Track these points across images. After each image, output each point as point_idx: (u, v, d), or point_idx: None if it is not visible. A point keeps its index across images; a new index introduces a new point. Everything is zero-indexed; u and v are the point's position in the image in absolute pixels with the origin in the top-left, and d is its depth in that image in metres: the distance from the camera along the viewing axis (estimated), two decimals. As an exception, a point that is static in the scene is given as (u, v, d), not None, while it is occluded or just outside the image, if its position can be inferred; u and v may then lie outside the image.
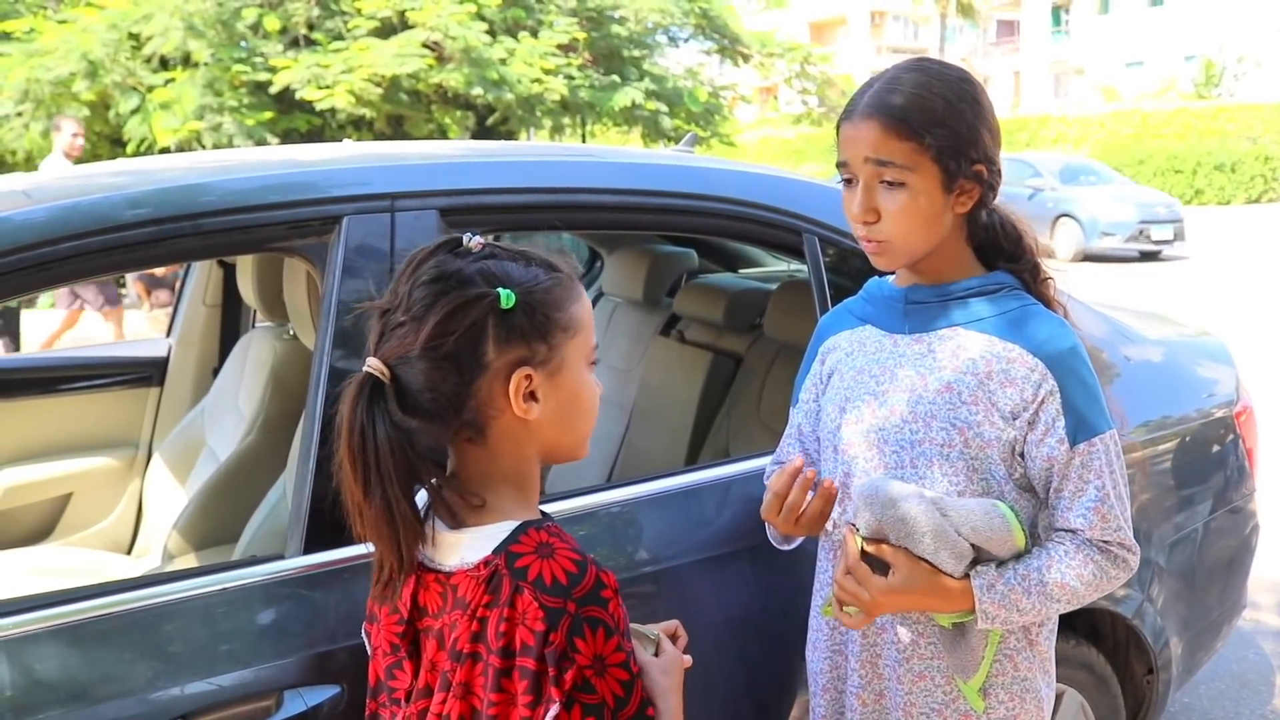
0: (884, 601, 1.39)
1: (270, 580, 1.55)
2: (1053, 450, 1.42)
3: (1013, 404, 1.43)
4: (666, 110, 13.63)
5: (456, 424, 1.12)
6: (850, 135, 1.43)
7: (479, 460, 1.16)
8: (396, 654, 1.20)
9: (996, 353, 1.44)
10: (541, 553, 1.09)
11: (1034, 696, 1.53)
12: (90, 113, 11.03)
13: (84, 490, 3.12)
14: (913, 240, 1.43)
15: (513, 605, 1.06)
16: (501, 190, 1.82)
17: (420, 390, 1.10)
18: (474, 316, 1.09)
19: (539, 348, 1.13)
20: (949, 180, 1.40)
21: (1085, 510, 1.42)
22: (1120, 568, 1.44)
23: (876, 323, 1.57)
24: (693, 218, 2.01)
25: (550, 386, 1.14)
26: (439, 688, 1.11)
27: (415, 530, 1.12)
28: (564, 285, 1.17)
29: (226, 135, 10.97)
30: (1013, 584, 1.38)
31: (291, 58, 11.30)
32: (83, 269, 1.56)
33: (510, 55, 12.04)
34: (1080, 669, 2.32)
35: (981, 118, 1.42)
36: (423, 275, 1.11)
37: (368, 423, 1.08)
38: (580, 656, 1.04)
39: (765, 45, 15.03)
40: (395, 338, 1.11)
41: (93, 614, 1.45)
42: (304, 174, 1.76)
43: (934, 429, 1.44)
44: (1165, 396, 2.51)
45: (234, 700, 1.46)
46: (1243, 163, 23.72)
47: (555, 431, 1.17)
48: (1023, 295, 1.50)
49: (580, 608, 1.05)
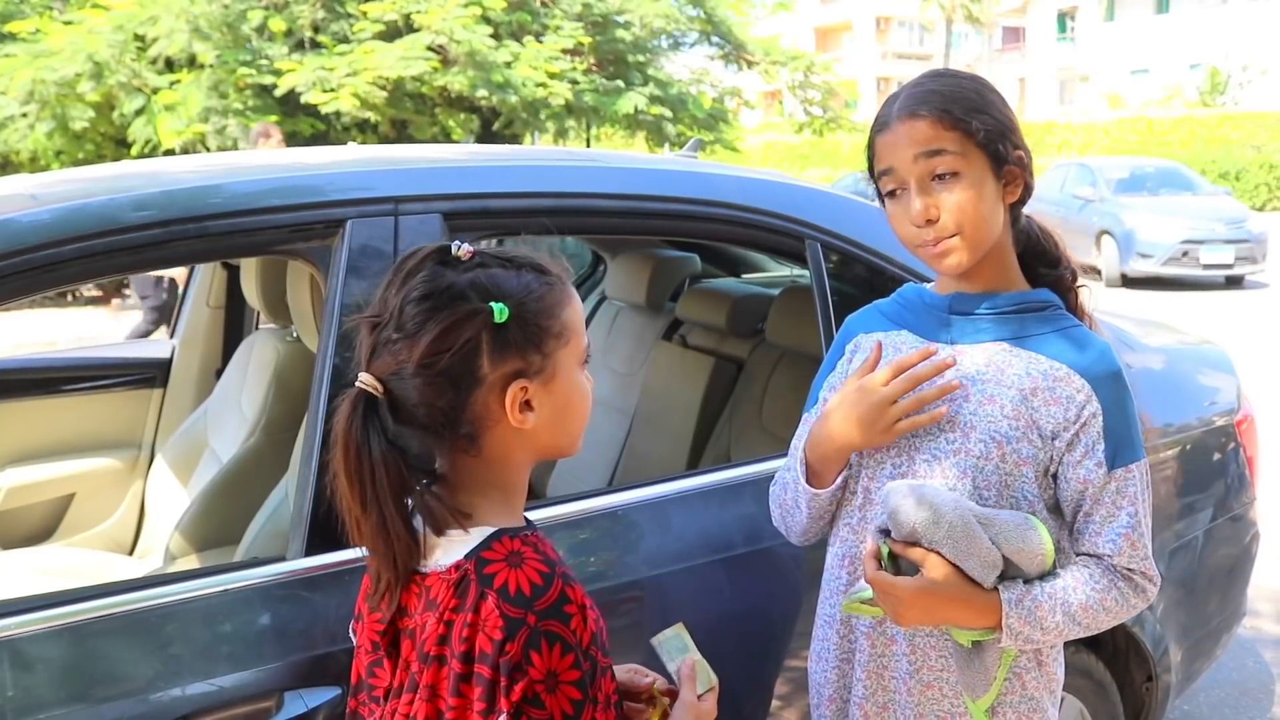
0: (913, 602, 1.36)
1: (271, 582, 1.56)
2: (1090, 473, 1.41)
3: (1054, 423, 1.41)
4: (670, 116, 13.62)
5: (451, 437, 1.12)
6: (891, 141, 1.41)
7: (471, 467, 1.15)
8: (376, 652, 1.20)
9: (1043, 370, 1.43)
10: (511, 561, 1.08)
11: (1040, 716, 1.52)
12: (95, 114, 11.07)
13: (86, 491, 3.13)
14: (980, 230, 1.40)
15: (477, 611, 1.05)
16: (504, 195, 1.83)
17: (415, 405, 1.10)
18: (468, 334, 1.08)
19: (534, 358, 1.12)
20: (998, 165, 1.40)
21: (1115, 536, 1.40)
22: (1140, 597, 1.43)
23: (914, 329, 1.54)
24: (696, 223, 2.02)
25: (545, 394, 1.14)
26: (408, 688, 1.12)
27: (409, 548, 1.12)
28: (556, 290, 1.16)
29: (231, 138, 10.97)
30: (1040, 600, 1.36)
31: (296, 60, 11.32)
32: (88, 270, 1.57)
33: (515, 59, 12.05)
34: (1079, 676, 2.32)
35: (1007, 109, 1.44)
36: (414, 291, 1.10)
37: (363, 439, 1.08)
38: (533, 670, 1.03)
39: (769, 53, 15.03)
40: (388, 353, 1.10)
41: (94, 614, 1.46)
42: (308, 177, 1.77)
43: (972, 440, 1.43)
44: (1166, 404, 2.52)
45: (235, 701, 1.47)
46: (1247, 171, 23.68)
47: (549, 435, 1.17)
48: (1066, 316, 1.49)
49: (540, 620, 1.04)
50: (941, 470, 1.44)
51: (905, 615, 1.39)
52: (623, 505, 1.90)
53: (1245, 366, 2.93)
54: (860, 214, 2.14)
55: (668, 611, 1.86)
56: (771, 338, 2.84)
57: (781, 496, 1.62)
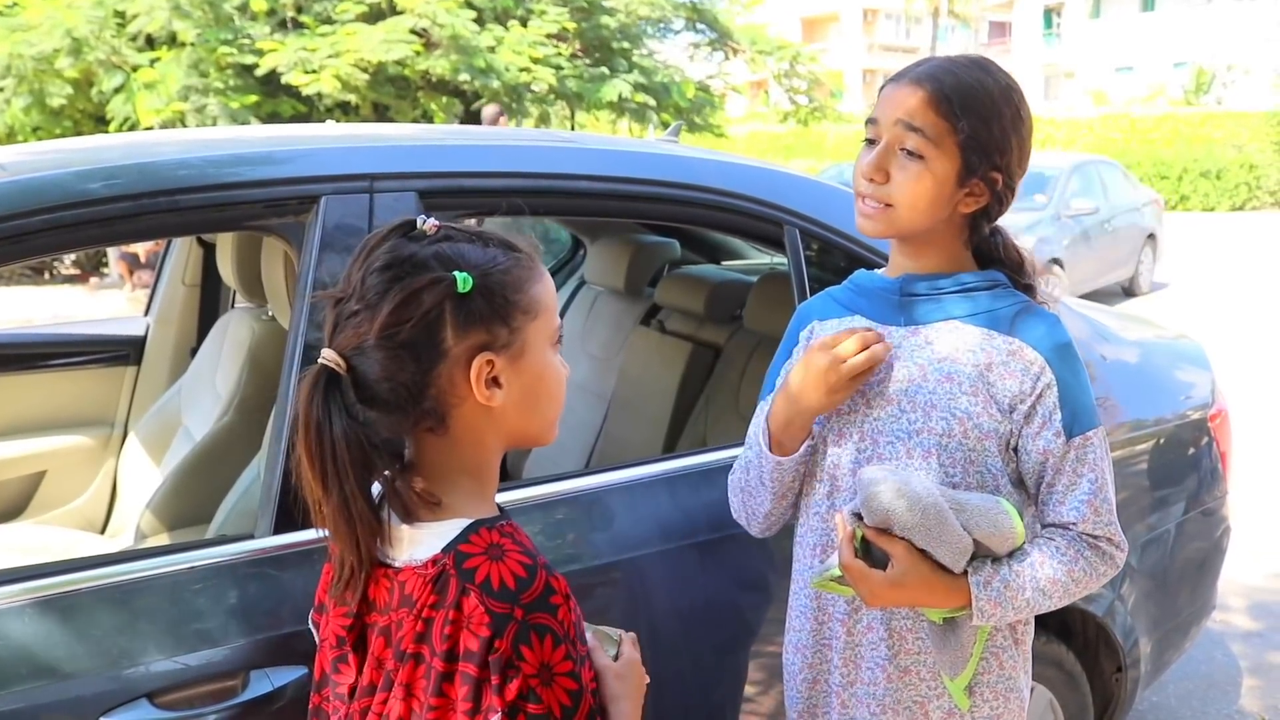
0: (882, 591, 1.37)
1: (239, 560, 1.55)
2: (1049, 443, 1.43)
3: (1011, 396, 1.43)
4: (654, 104, 13.58)
5: (416, 414, 1.08)
6: (890, 95, 1.43)
7: (439, 450, 1.12)
8: (342, 648, 1.16)
9: (996, 345, 1.44)
10: (491, 554, 1.05)
11: (1017, 695, 1.54)
12: (73, 90, 10.95)
13: (58, 468, 3.10)
14: (914, 213, 1.42)
15: (459, 608, 1.02)
16: (481, 174, 1.82)
17: (377, 380, 1.06)
18: (430, 302, 1.05)
19: (500, 331, 1.09)
20: (965, 173, 1.40)
21: (1078, 504, 1.42)
22: (1108, 564, 1.45)
23: (867, 314, 1.55)
24: (674, 206, 2.01)
25: (513, 371, 1.10)
26: (382, 686, 1.08)
27: (373, 527, 1.08)
28: (524, 265, 1.12)
29: (211, 117, 10.89)
30: (1008, 580, 1.38)
31: (278, 40, 11.21)
32: (55, 243, 1.54)
33: (499, 43, 11.98)
34: (1050, 666, 2.34)
35: (1018, 131, 1.43)
36: (376, 261, 1.07)
37: (324, 417, 1.04)
38: (526, 665, 1.00)
39: (756, 41, 15.00)
40: (350, 327, 1.07)
41: (58, 590, 1.45)
42: (283, 153, 1.75)
43: (934, 419, 1.44)
44: (1141, 398, 2.53)
45: (200, 679, 1.46)
46: (1228, 170, 23.84)
47: (520, 417, 1.14)
48: (1016, 293, 1.50)
49: (528, 614, 1.01)
50: (906, 450, 1.45)
51: (874, 600, 1.40)
52: (597, 488, 1.89)
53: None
54: (840, 201, 2.14)
55: (642, 595, 1.86)
56: (749, 324, 2.84)
57: (744, 479, 1.62)
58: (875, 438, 1.48)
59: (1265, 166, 23.78)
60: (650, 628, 1.88)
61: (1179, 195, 24.31)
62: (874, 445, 1.48)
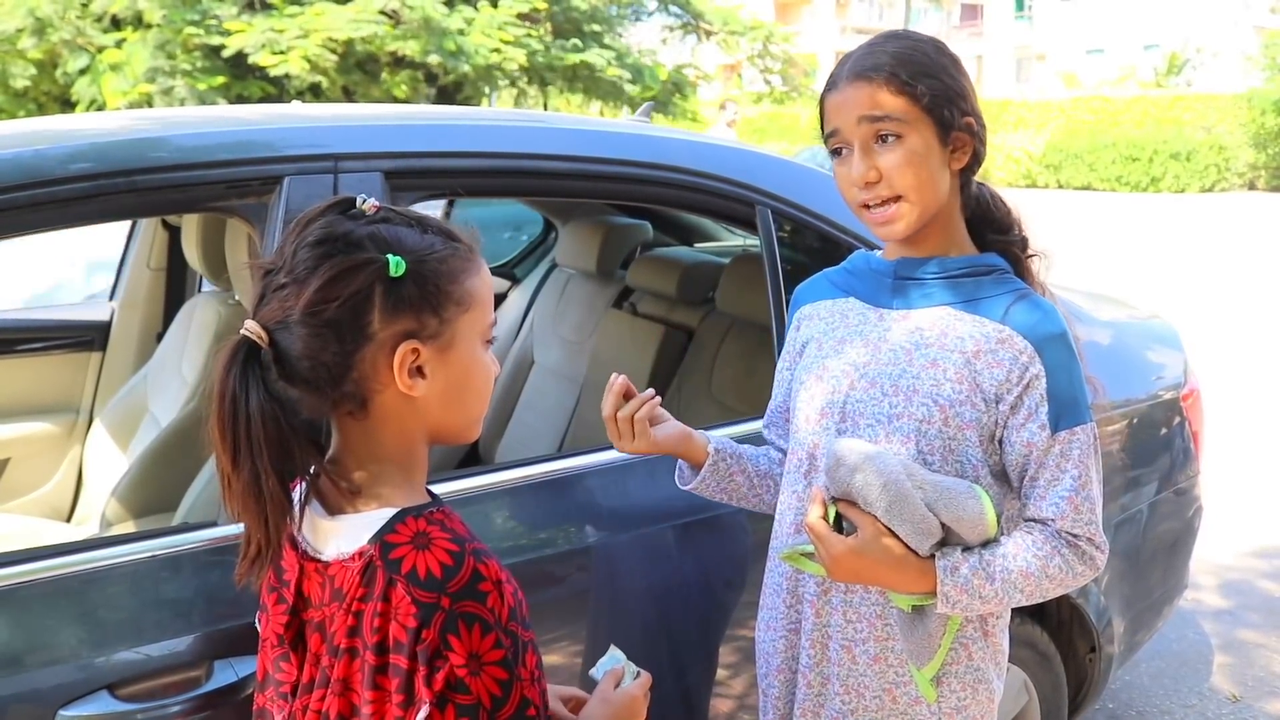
0: (843, 559, 1.35)
1: (202, 548, 1.52)
2: (1033, 435, 1.39)
3: (997, 385, 1.40)
4: (629, 78, 13.53)
5: (335, 396, 1.05)
6: (838, 101, 1.41)
7: (360, 437, 1.09)
8: (282, 646, 1.14)
9: (987, 333, 1.41)
10: (417, 543, 1.02)
11: (986, 687, 1.51)
12: (37, 72, 10.78)
13: (22, 456, 3.06)
14: (923, 195, 1.39)
15: (386, 599, 1.00)
16: (447, 154, 1.78)
17: (299, 358, 1.03)
18: (359, 283, 1.02)
19: (429, 321, 1.06)
20: (944, 131, 1.38)
21: (1059, 500, 1.39)
22: (1087, 564, 1.41)
23: (861, 295, 1.54)
24: (644, 186, 1.98)
25: (439, 363, 1.08)
26: (319, 683, 1.06)
27: (283, 507, 1.05)
28: (461, 256, 1.10)
29: (178, 99, 10.79)
30: (977, 569, 1.35)
31: (246, 21, 11.10)
32: (10, 224, 1.50)
33: (469, 25, 11.89)
34: (1024, 647, 2.34)
35: (962, 73, 1.42)
36: (309, 236, 1.04)
37: (239, 390, 1.02)
38: (454, 655, 0.98)
39: (728, 22, 14.97)
40: (275, 300, 1.04)
41: (16, 580, 1.42)
42: (245, 132, 1.71)
43: (915, 404, 1.41)
44: (1114, 378, 2.53)
45: (163, 670, 1.43)
46: (1197, 152, 24.03)
47: (442, 411, 1.11)
48: (1014, 280, 1.47)
49: (455, 603, 0.99)
50: (885, 434, 1.43)
51: (836, 570, 1.38)
52: (569, 472, 1.87)
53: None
54: (813, 181, 2.12)
55: (618, 578, 1.84)
56: (722, 306, 2.82)
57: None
58: (855, 419, 1.46)
59: (1234, 148, 24.01)
60: (625, 610, 1.87)
61: (1149, 177, 24.53)
62: (854, 427, 1.46)
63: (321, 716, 1.05)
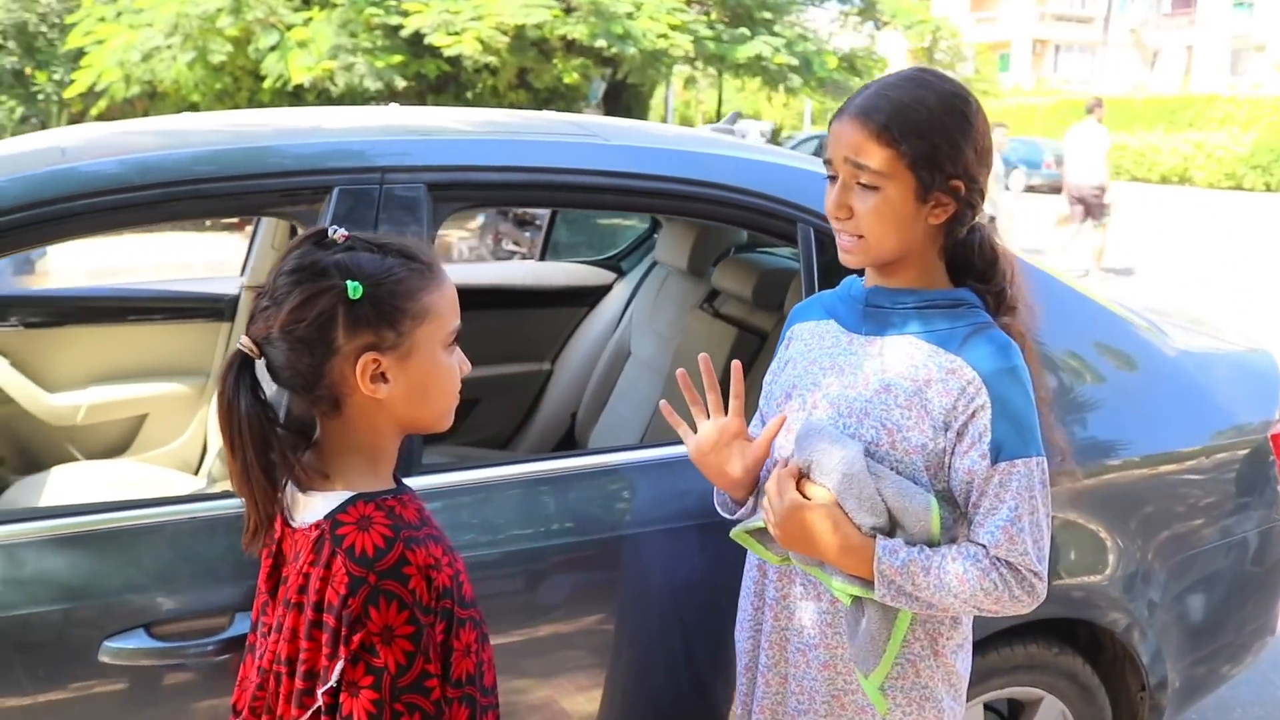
0: (789, 515, 1.45)
1: (233, 513, 1.70)
2: (974, 464, 1.45)
3: (945, 412, 1.46)
4: (796, 65, 13.40)
5: (312, 397, 1.25)
6: (836, 133, 1.49)
7: (336, 431, 1.29)
8: (264, 594, 1.37)
9: (940, 362, 1.48)
10: (360, 525, 1.22)
11: (934, 706, 1.56)
12: (233, 48, 11.55)
13: (158, 412, 3.37)
14: (883, 242, 1.47)
15: (328, 567, 1.20)
16: (489, 168, 1.93)
17: (281, 367, 1.24)
18: (323, 305, 1.21)
19: (387, 334, 1.23)
20: (923, 191, 1.44)
21: (994, 528, 1.44)
22: (1026, 590, 1.45)
23: (839, 319, 1.62)
24: (686, 202, 2.07)
25: (400, 369, 1.25)
26: (275, 629, 1.29)
27: (268, 492, 1.26)
28: (419, 275, 1.26)
29: (358, 75, 11.33)
30: (915, 558, 1.42)
31: (423, 2, 11.56)
32: (98, 225, 1.73)
33: (637, 9, 12.05)
34: (1062, 677, 2.32)
35: (967, 135, 1.46)
36: (286, 264, 1.24)
37: (234, 395, 1.23)
38: (371, 624, 1.17)
39: (897, 15, 14.64)
40: (261, 319, 1.23)
41: (85, 529, 1.66)
42: (301, 145, 1.90)
43: (865, 427, 1.49)
44: (1192, 414, 2.46)
45: (191, 615, 1.65)
46: None
47: (409, 409, 1.29)
48: (980, 314, 1.53)
49: (380, 580, 1.18)
50: None
51: (782, 528, 1.48)
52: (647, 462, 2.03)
53: None
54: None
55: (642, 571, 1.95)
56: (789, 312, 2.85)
57: None
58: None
59: None
60: (681, 599, 1.98)
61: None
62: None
63: (275, 656, 1.27)
